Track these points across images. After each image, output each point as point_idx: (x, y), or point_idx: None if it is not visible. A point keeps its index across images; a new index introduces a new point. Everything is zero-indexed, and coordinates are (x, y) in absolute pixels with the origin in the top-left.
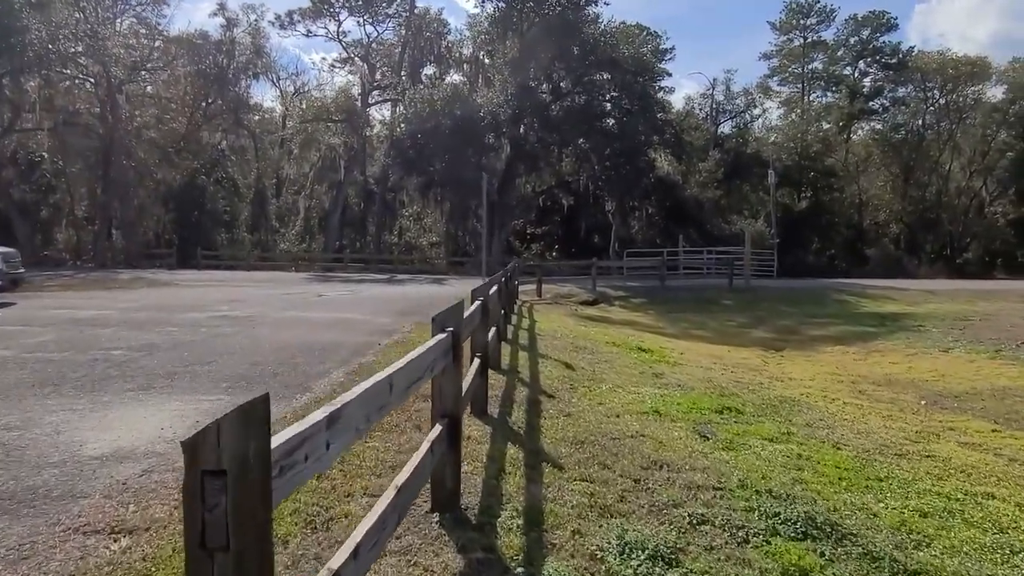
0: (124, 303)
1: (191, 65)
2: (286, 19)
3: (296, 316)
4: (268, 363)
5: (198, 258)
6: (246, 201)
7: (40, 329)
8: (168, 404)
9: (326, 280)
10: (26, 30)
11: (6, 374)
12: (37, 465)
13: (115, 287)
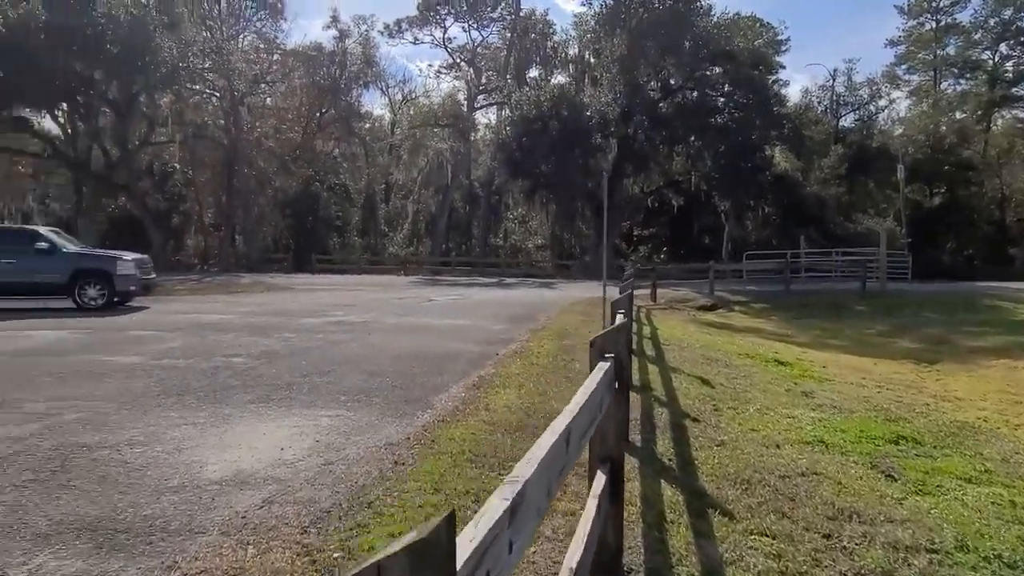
0: (245, 307)
1: (306, 77)
2: (394, 28)
3: (408, 322)
4: (385, 374)
5: (312, 262)
6: (357, 206)
7: (168, 334)
8: (287, 419)
9: (434, 284)
10: (159, 49)
11: (134, 382)
12: (156, 490)
13: (237, 291)
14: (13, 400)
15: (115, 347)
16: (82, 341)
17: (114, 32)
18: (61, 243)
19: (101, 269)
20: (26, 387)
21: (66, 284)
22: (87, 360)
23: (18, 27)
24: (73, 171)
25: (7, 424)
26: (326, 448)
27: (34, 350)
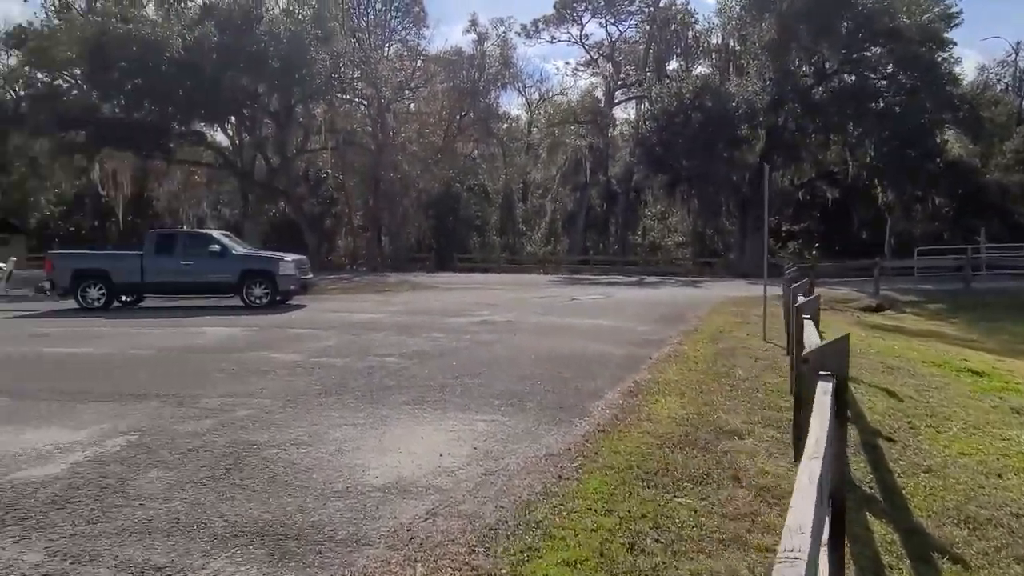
0: (393, 307)
1: (447, 81)
2: (531, 28)
3: (553, 322)
4: (535, 377)
5: (454, 261)
6: (495, 206)
7: (324, 332)
8: (443, 423)
9: (574, 282)
10: (314, 62)
11: (297, 380)
12: (322, 494)
13: (384, 290)
14: (193, 395)
15: (278, 345)
16: (249, 338)
17: (275, 48)
18: (231, 246)
19: (266, 270)
20: (203, 383)
21: (236, 283)
22: (254, 357)
23: (194, 48)
24: (239, 179)
25: (186, 420)
26: (485, 456)
27: (208, 347)
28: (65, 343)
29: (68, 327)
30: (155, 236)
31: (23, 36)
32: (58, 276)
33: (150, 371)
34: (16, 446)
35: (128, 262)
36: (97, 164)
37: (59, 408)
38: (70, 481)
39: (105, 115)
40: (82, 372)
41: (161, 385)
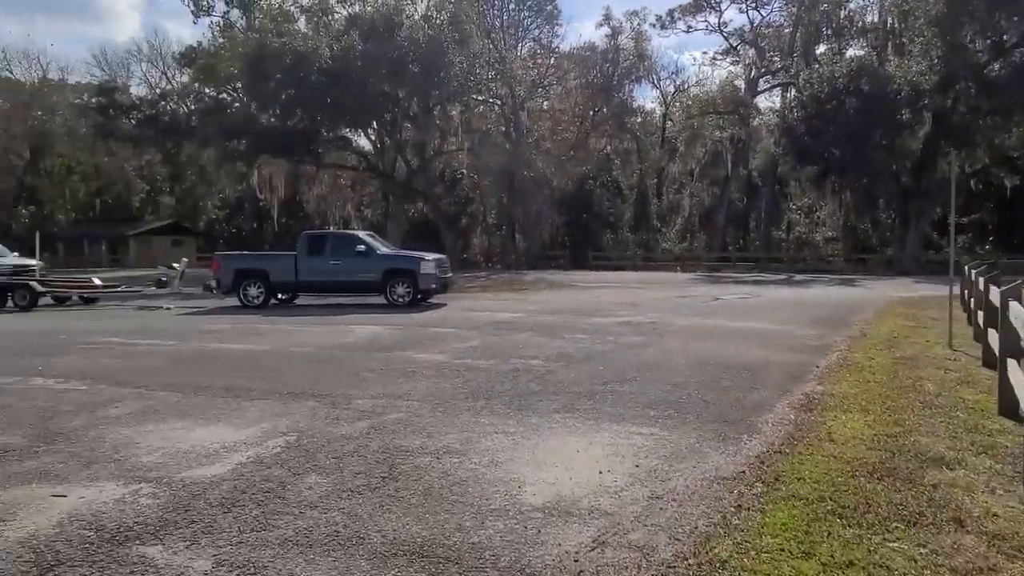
0: (532, 305)
1: (580, 77)
2: (667, 19)
3: (700, 324)
4: (690, 384)
5: (589, 259)
6: (629, 202)
7: (466, 332)
8: (597, 434)
9: (716, 281)
10: (452, 65)
11: (443, 382)
12: (480, 511)
13: (521, 288)
14: (346, 396)
15: (422, 344)
16: (394, 337)
17: (414, 53)
18: (376, 246)
19: (408, 269)
20: (354, 383)
21: (380, 282)
22: (400, 357)
23: (341, 58)
24: (381, 180)
25: (340, 422)
26: (648, 475)
27: (357, 346)
28: (230, 340)
29: (232, 324)
30: (307, 238)
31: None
32: (223, 275)
33: (305, 369)
34: (187, 443)
35: (284, 262)
36: (255, 170)
37: (224, 405)
38: (235, 483)
39: (262, 124)
40: (245, 369)
41: (316, 384)
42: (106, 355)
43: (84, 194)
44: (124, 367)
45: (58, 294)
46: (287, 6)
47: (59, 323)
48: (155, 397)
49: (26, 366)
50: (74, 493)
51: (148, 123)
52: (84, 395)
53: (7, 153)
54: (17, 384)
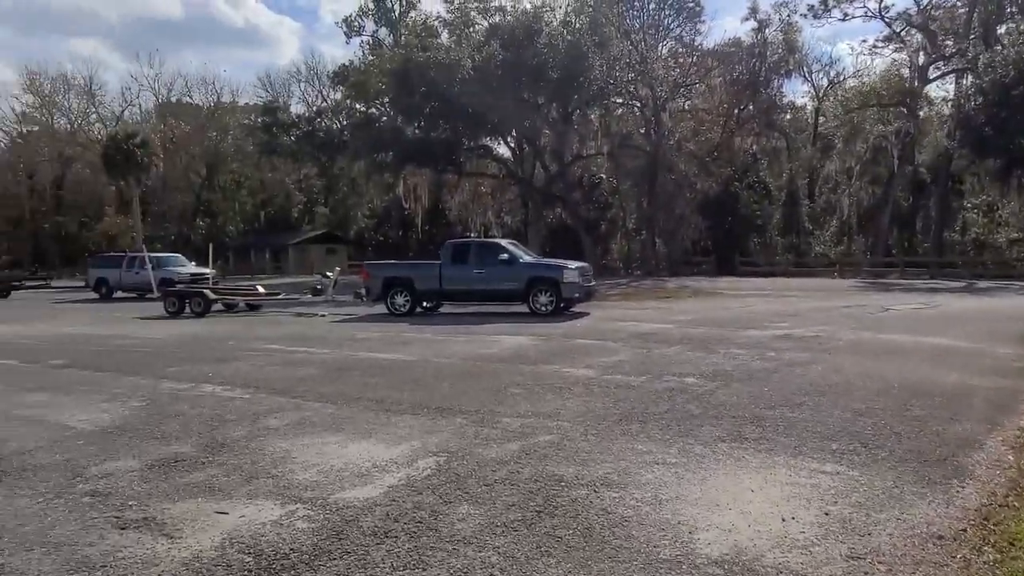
0: (678, 315)
1: (725, 75)
2: (819, 8)
3: (873, 339)
4: (874, 412)
5: (735, 264)
6: (777, 204)
7: (612, 344)
8: (773, 471)
9: (882, 288)
10: (592, 68)
11: (594, 401)
12: (648, 561)
13: (665, 296)
14: (493, 413)
15: (568, 358)
16: (539, 349)
17: (554, 59)
18: (518, 254)
19: (551, 277)
20: (501, 399)
21: (523, 291)
22: (547, 371)
23: (482, 68)
24: (521, 187)
25: (489, 442)
26: (842, 527)
27: (502, 357)
28: (378, 349)
29: (380, 332)
30: (451, 246)
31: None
32: (372, 284)
33: (451, 382)
34: (341, 460)
35: (428, 271)
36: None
37: (375, 419)
38: (387, 509)
39: (407, 136)
40: (394, 380)
41: (462, 399)
42: (268, 362)
43: (251, 206)
44: (283, 375)
45: (227, 301)
46: (430, 22)
47: (228, 329)
48: (310, 408)
49: (199, 373)
50: (236, 511)
51: (306, 139)
52: (247, 404)
53: (187, 171)
54: (190, 391)
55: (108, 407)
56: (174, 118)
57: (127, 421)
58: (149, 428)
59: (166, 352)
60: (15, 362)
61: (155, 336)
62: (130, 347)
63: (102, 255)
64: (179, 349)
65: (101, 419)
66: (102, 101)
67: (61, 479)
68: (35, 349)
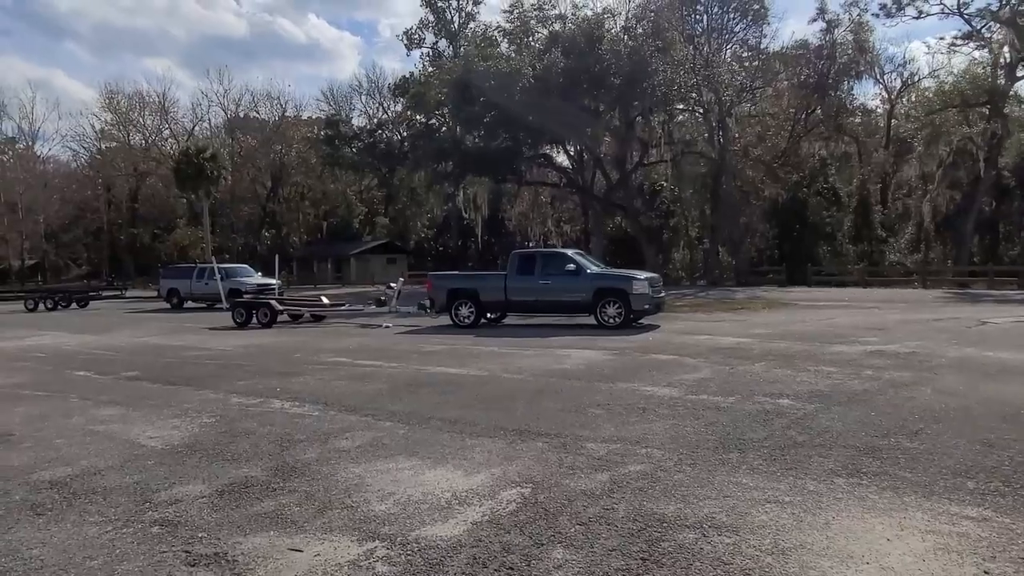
0: (756, 328)
1: (792, 78)
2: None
3: (980, 357)
4: (1008, 444)
5: (807, 274)
6: (847, 211)
7: (690, 360)
8: (906, 514)
9: (973, 300)
10: (655, 73)
11: (683, 424)
12: None
13: (737, 308)
14: (575, 437)
15: (645, 374)
16: (613, 365)
17: (616, 65)
18: (585, 264)
19: (619, 288)
20: (582, 421)
21: (590, 302)
22: (626, 390)
23: (543, 76)
24: (581, 196)
25: (576, 472)
26: None
27: (575, 373)
28: (447, 363)
29: (447, 345)
30: (516, 257)
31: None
32: (436, 295)
33: (527, 401)
34: (418, 489)
35: (493, 282)
36: (461, 190)
37: (450, 441)
38: (473, 552)
39: (468, 146)
40: (466, 398)
41: (540, 420)
42: (335, 376)
43: (313, 217)
44: (352, 391)
45: (293, 312)
46: (490, 32)
47: (294, 340)
48: (382, 428)
49: (267, 387)
50: (310, 547)
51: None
52: (317, 422)
53: (254, 183)
54: (258, 407)
55: (178, 423)
56: (241, 132)
57: (196, 439)
58: (219, 448)
59: (234, 364)
60: (91, 373)
61: (224, 347)
62: (199, 359)
63: (173, 266)
64: (247, 361)
65: (171, 436)
66: (175, 117)
67: (130, 504)
68: (109, 360)
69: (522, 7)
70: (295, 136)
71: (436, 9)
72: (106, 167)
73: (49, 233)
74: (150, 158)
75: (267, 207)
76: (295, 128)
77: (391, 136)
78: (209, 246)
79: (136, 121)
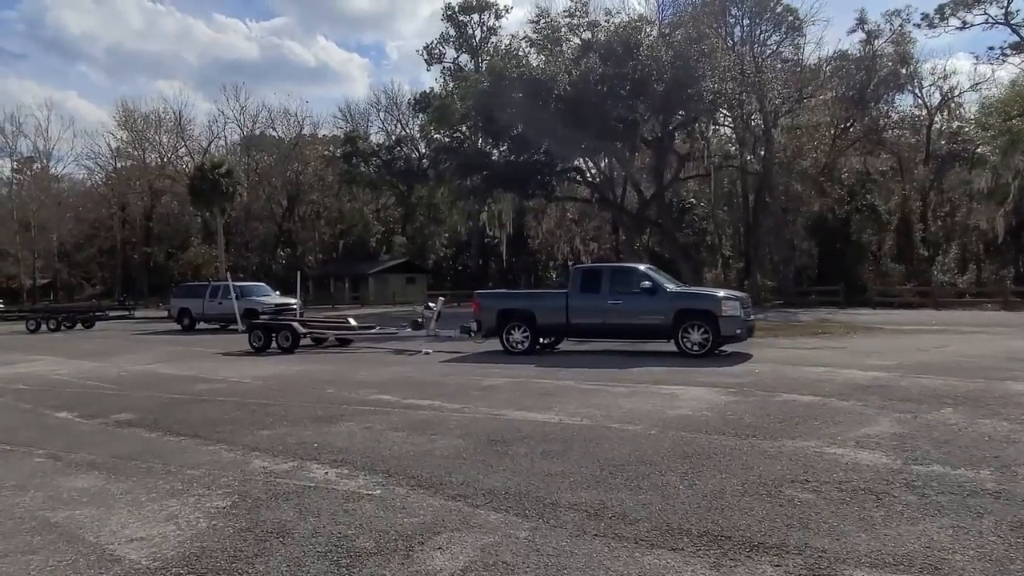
0: (871, 358)
1: (831, 91)
2: (935, 16)
3: None
4: None
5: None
6: (888, 229)
7: (847, 405)
8: None
9: None
10: (703, 77)
11: (968, 526)
12: None
13: (817, 332)
14: (817, 553)
15: (805, 426)
16: (745, 410)
17: (658, 71)
18: (661, 281)
19: (706, 310)
20: (797, 516)
21: (669, 326)
22: (806, 454)
23: (578, 83)
24: (611, 211)
25: None
26: None
27: (705, 423)
28: (521, 403)
29: (508, 377)
30: (580, 272)
31: (427, 100)
32: (485, 317)
33: (679, 472)
34: None
35: (552, 302)
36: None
37: (612, 559)
38: None
39: (495, 160)
40: (585, 465)
41: (731, 514)
42: (386, 423)
43: (329, 236)
44: (417, 449)
45: (317, 335)
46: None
47: (323, 369)
48: (487, 525)
49: (300, 440)
50: None
51: (385, 167)
52: (382, 510)
53: (270, 202)
54: (291, 477)
55: (177, 510)
56: (257, 150)
57: (203, 548)
58: (237, 568)
59: (254, 403)
60: (73, 415)
61: (240, 378)
62: (211, 394)
63: (185, 284)
64: (270, 398)
65: (164, 541)
66: (191, 135)
67: None
68: (101, 395)
69: (550, 16)
70: (311, 155)
71: (458, 23)
72: (121, 185)
73: (62, 252)
74: (165, 176)
75: (283, 226)
76: (311, 146)
77: (409, 153)
78: (224, 264)
79: (152, 139)
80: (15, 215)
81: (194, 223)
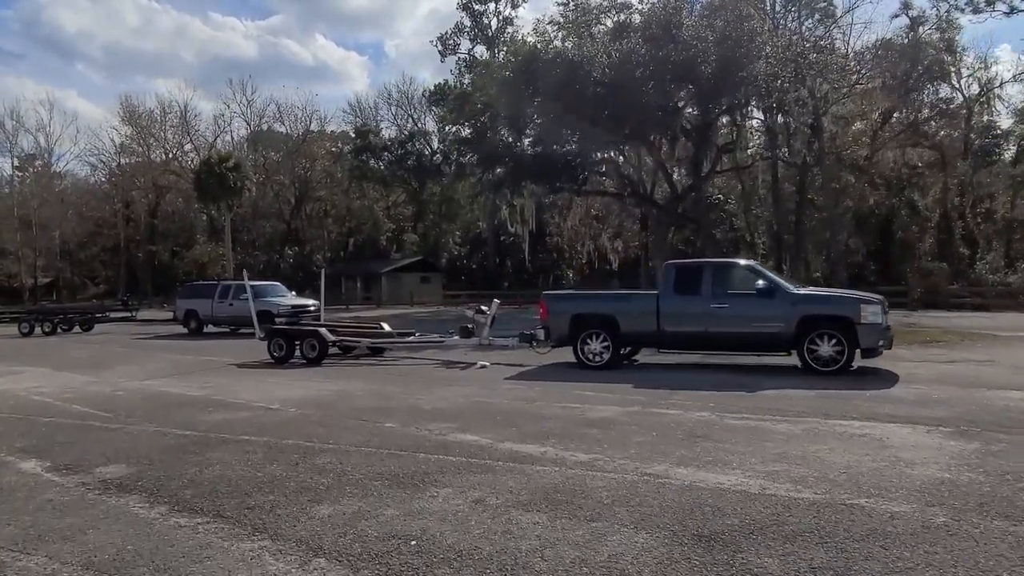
0: None
1: (875, 80)
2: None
3: None
4: None
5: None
6: (928, 225)
7: None
8: None
9: None
10: (758, 57)
11: None
12: None
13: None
14: None
15: None
16: (990, 460)
17: (703, 55)
18: (779, 281)
19: (841, 316)
20: None
21: (792, 335)
22: None
23: (618, 65)
24: (644, 206)
25: None
26: None
27: (968, 487)
28: (668, 453)
29: (612, 404)
30: (674, 269)
31: (443, 92)
32: (554, 323)
33: None
34: None
35: (640, 305)
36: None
37: None
38: None
39: (521, 150)
40: None
41: None
42: (501, 491)
43: (337, 234)
44: (582, 556)
45: (348, 344)
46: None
47: (368, 389)
48: None
49: (382, 526)
50: None
51: (397, 163)
52: None
53: (277, 199)
54: None
55: None
56: (264, 147)
57: None
58: None
59: (294, 447)
60: (42, 467)
61: (267, 403)
62: (232, 429)
63: (192, 283)
64: (314, 439)
65: None
66: (196, 130)
67: None
68: (87, 428)
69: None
70: (319, 151)
71: (473, 13)
72: (125, 182)
73: (65, 250)
74: (170, 172)
75: (291, 223)
76: (319, 142)
77: (422, 148)
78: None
79: (157, 135)
80: (16, 213)
81: (199, 220)
